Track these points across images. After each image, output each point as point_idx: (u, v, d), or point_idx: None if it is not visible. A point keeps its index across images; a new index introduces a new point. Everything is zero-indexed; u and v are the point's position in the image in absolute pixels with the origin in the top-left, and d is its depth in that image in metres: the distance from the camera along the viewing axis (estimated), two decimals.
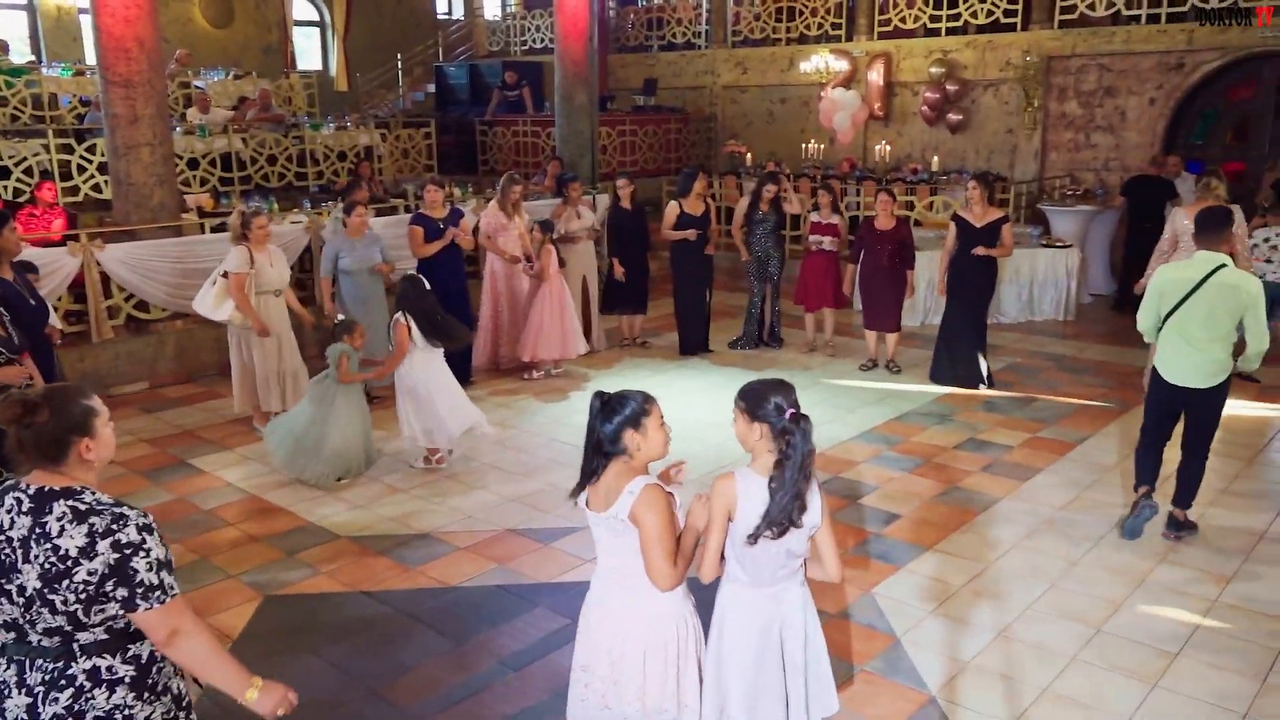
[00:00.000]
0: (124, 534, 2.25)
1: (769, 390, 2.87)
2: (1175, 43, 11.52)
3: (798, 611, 2.95)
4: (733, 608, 2.93)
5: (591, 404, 2.92)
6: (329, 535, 5.46)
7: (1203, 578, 4.88)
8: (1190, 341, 4.98)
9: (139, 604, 2.26)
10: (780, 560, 2.86)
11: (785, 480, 2.74)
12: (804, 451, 2.75)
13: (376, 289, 7.67)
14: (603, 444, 2.87)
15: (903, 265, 8.18)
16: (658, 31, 16.66)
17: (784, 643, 2.92)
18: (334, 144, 12.70)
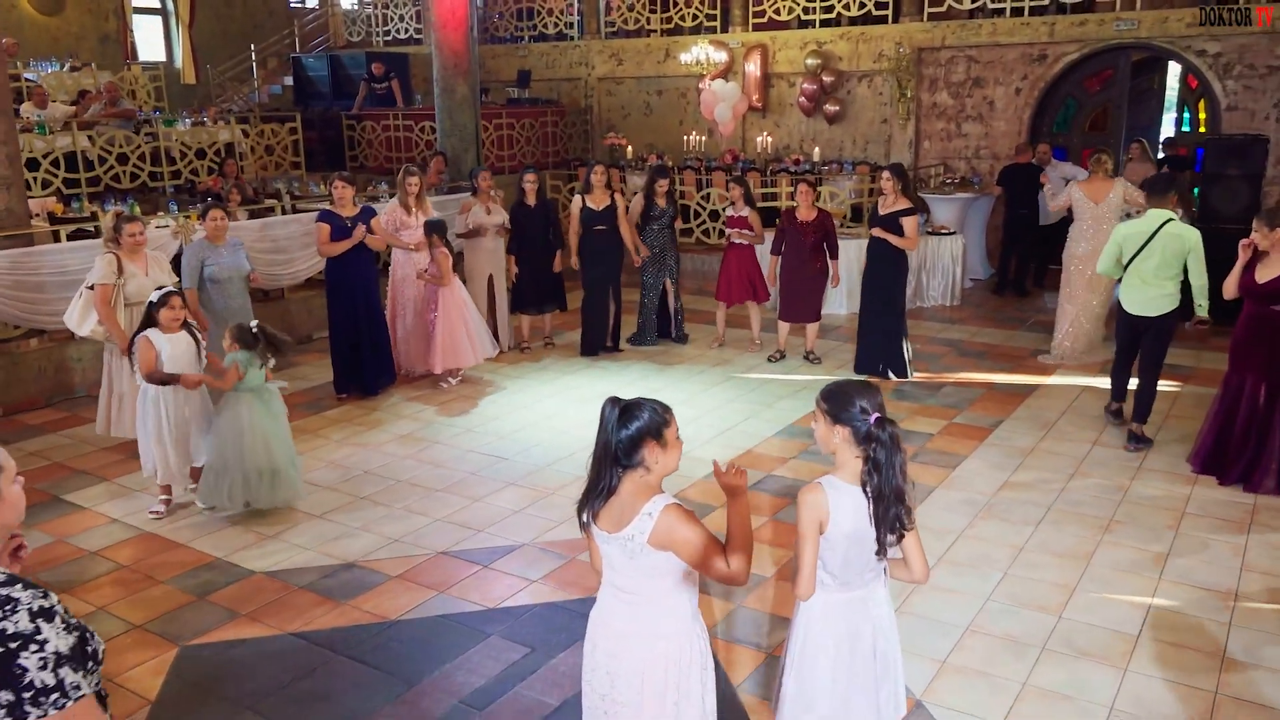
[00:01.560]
0: (11, 622, 1.80)
1: (853, 392, 2.76)
2: (1038, 35, 11.97)
3: (885, 609, 2.90)
4: (821, 613, 2.83)
5: (605, 411, 2.66)
6: (242, 572, 4.97)
7: (1140, 555, 4.99)
8: (1145, 280, 6.25)
9: (28, 711, 1.79)
10: (871, 562, 2.78)
11: (883, 488, 2.67)
12: (893, 458, 2.66)
13: (246, 300, 7.09)
14: (619, 456, 2.62)
15: (826, 256, 8.15)
16: (528, 22, 16.26)
17: (875, 642, 2.87)
18: (191, 141, 11.80)
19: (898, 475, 2.69)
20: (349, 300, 7.53)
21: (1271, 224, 5.43)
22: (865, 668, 2.85)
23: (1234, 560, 4.92)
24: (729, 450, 6.48)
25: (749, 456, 6.41)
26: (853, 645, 2.82)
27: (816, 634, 2.83)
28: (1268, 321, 5.53)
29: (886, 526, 2.71)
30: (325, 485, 6.04)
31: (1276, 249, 5.45)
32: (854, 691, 2.86)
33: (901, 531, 2.73)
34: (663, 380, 8.08)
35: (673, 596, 2.70)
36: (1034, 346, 8.94)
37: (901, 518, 2.71)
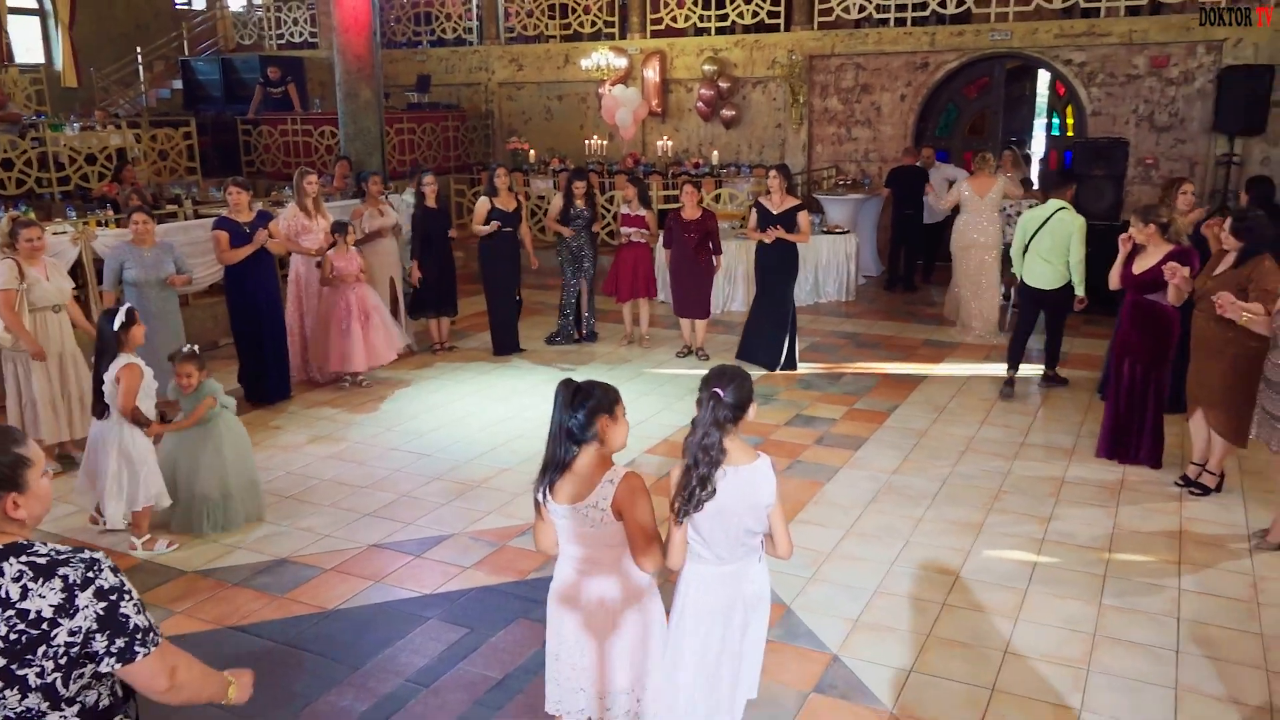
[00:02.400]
0: (103, 579, 2.00)
1: (714, 373, 2.98)
2: (920, 44, 12.66)
3: (758, 586, 3.08)
4: (695, 584, 3.02)
5: (559, 392, 2.90)
6: (173, 572, 5.00)
7: (1026, 520, 5.47)
8: (1042, 258, 7.41)
9: (138, 651, 2.02)
10: (740, 538, 2.97)
11: (690, 446, 2.88)
12: (702, 427, 2.86)
13: (169, 303, 7.05)
14: (574, 432, 2.84)
15: (710, 253, 8.50)
16: (427, 27, 16.28)
17: (747, 617, 3.05)
18: (81, 146, 11.48)
19: (699, 443, 2.84)
20: (252, 306, 7.49)
21: (1145, 220, 5.98)
22: (734, 640, 3.03)
23: (1107, 522, 5.43)
24: (643, 441, 6.74)
25: (665, 445, 6.69)
26: (726, 617, 3.01)
27: (692, 604, 3.02)
28: (1143, 309, 6.07)
29: (684, 491, 2.84)
30: None
31: (1151, 243, 5.99)
32: (721, 663, 3.04)
33: (698, 501, 2.83)
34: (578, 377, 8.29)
35: (632, 564, 2.91)
36: (925, 336, 9.50)
37: (695, 489, 2.83)
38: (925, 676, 4.00)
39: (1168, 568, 4.90)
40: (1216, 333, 5.47)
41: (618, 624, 2.95)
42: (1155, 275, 5.84)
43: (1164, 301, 5.89)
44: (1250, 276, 5.25)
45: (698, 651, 3.04)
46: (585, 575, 2.95)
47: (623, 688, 2.98)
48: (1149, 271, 5.92)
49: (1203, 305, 5.58)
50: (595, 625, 2.95)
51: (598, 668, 2.97)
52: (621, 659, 2.97)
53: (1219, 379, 5.52)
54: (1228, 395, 5.49)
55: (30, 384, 6.19)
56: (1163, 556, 5.02)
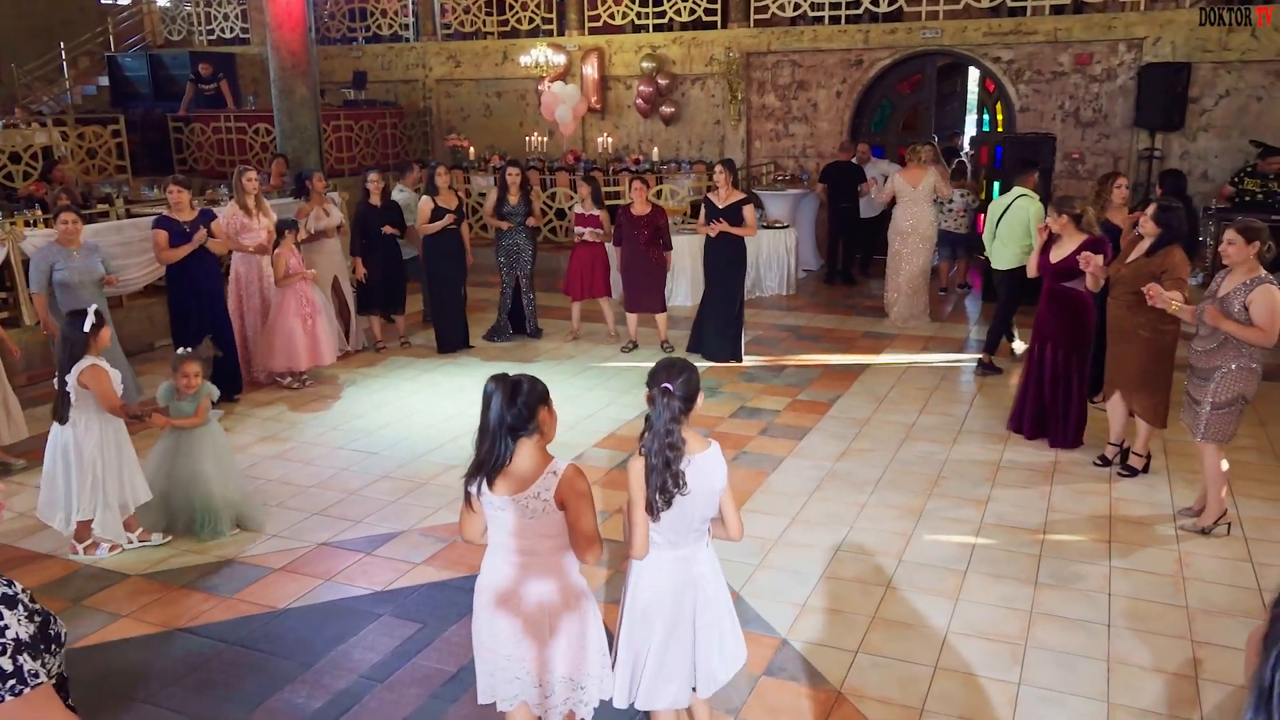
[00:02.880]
0: None
1: (660, 367, 3.04)
2: (854, 41, 12.88)
3: (709, 570, 3.15)
4: (648, 570, 3.08)
5: (489, 387, 2.90)
6: (116, 576, 4.92)
7: (964, 504, 5.64)
8: (1003, 241, 7.95)
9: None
10: (694, 524, 3.05)
11: (649, 451, 2.93)
12: (660, 423, 2.92)
13: (101, 304, 6.90)
14: (516, 425, 2.87)
15: (661, 248, 8.58)
16: (362, 23, 16.09)
17: (696, 602, 3.11)
18: (4, 144, 11.15)
19: (661, 441, 2.92)
20: (194, 307, 7.38)
21: (1059, 210, 6.22)
22: (687, 621, 3.11)
23: (1041, 504, 5.63)
24: (592, 435, 6.80)
25: (612, 439, 6.75)
26: (677, 599, 3.09)
27: (646, 588, 3.09)
28: (1061, 296, 6.31)
29: (655, 488, 2.91)
30: None
31: (1066, 232, 6.23)
32: (675, 643, 3.11)
33: (669, 497, 2.91)
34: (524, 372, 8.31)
35: (565, 553, 2.97)
36: (865, 329, 9.70)
37: (666, 483, 2.91)
38: (871, 657, 4.12)
39: (1099, 547, 5.10)
40: (1131, 318, 5.73)
41: (555, 626, 2.97)
42: (1070, 264, 6.10)
43: (1080, 288, 6.14)
44: (1163, 266, 5.49)
45: (656, 632, 3.11)
46: (523, 570, 2.95)
47: (562, 675, 3.02)
48: (1065, 260, 6.16)
49: (1117, 292, 5.83)
50: (534, 627, 2.97)
51: (536, 662, 3.00)
52: (562, 654, 3.00)
53: (1135, 363, 5.76)
54: (1145, 378, 5.74)
55: None
56: (1094, 536, 5.23)
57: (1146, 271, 5.52)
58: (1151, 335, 5.67)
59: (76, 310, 5.01)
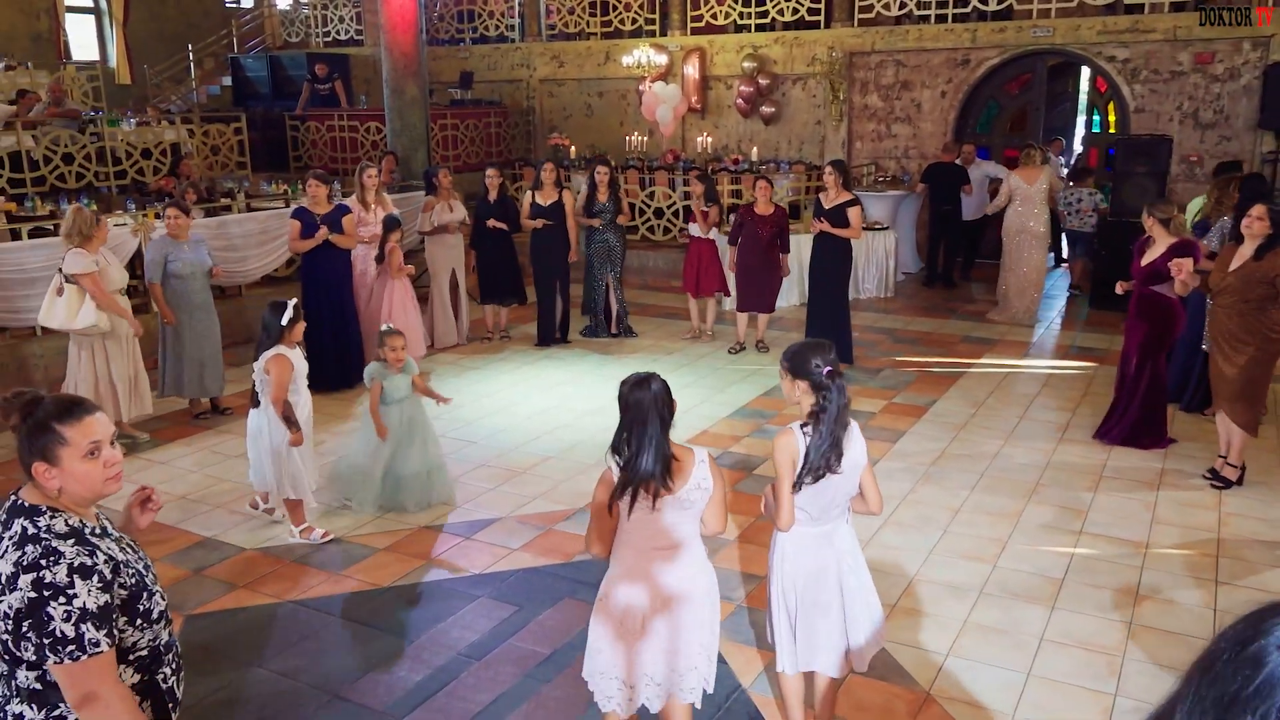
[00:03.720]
0: (51, 573, 1.99)
1: (809, 351, 3.14)
2: (961, 41, 12.65)
3: (849, 545, 3.28)
4: (793, 545, 3.20)
5: (643, 387, 2.93)
6: (234, 549, 5.21)
7: (1063, 512, 5.53)
8: None
9: (48, 656, 1.99)
10: (840, 500, 3.16)
11: (822, 430, 3.03)
12: (838, 404, 3.03)
13: (208, 296, 7.27)
14: (670, 422, 2.93)
15: (780, 249, 8.60)
16: (470, 24, 16.50)
17: (841, 579, 3.24)
18: (137, 141, 11.81)
19: (836, 422, 3.04)
20: (317, 297, 7.72)
21: (1149, 212, 6.10)
22: (832, 595, 3.24)
23: (1145, 515, 5.48)
24: (687, 431, 6.88)
25: (706, 436, 6.82)
26: (820, 574, 3.21)
27: (791, 563, 3.22)
28: (1148, 300, 6.14)
29: (818, 464, 3.02)
30: None
31: (1156, 235, 6.06)
32: (821, 616, 3.25)
33: (826, 471, 3.04)
34: (618, 368, 8.44)
35: (699, 537, 3.08)
36: (964, 333, 9.55)
37: (831, 461, 3.04)
38: (962, 660, 4.10)
39: (1205, 562, 4.95)
40: (1238, 326, 5.54)
41: (702, 594, 3.06)
42: (1158, 266, 5.93)
43: (1168, 293, 5.97)
44: (1274, 269, 5.29)
45: (795, 602, 3.23)
46: (671, 560, 3.00)
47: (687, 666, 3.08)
48: (1153, 263, 5.99)
49: (1222, 300, 5.63)
50: (686, 602, 3.02)
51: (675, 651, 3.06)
52: (702, 627, 3.07)
53: (1238, 371, 5.57)
54: (1246, 388, 5.56)
55: (109, 365, 6.50)
56: (1201, 551, 5.07)
57: (1257, 276, 5.33)
58: (1261, 343, 5.48)
59: (279, 301, 5.12)
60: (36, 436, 2.12)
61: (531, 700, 3.86)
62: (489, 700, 3.87)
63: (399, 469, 5.54)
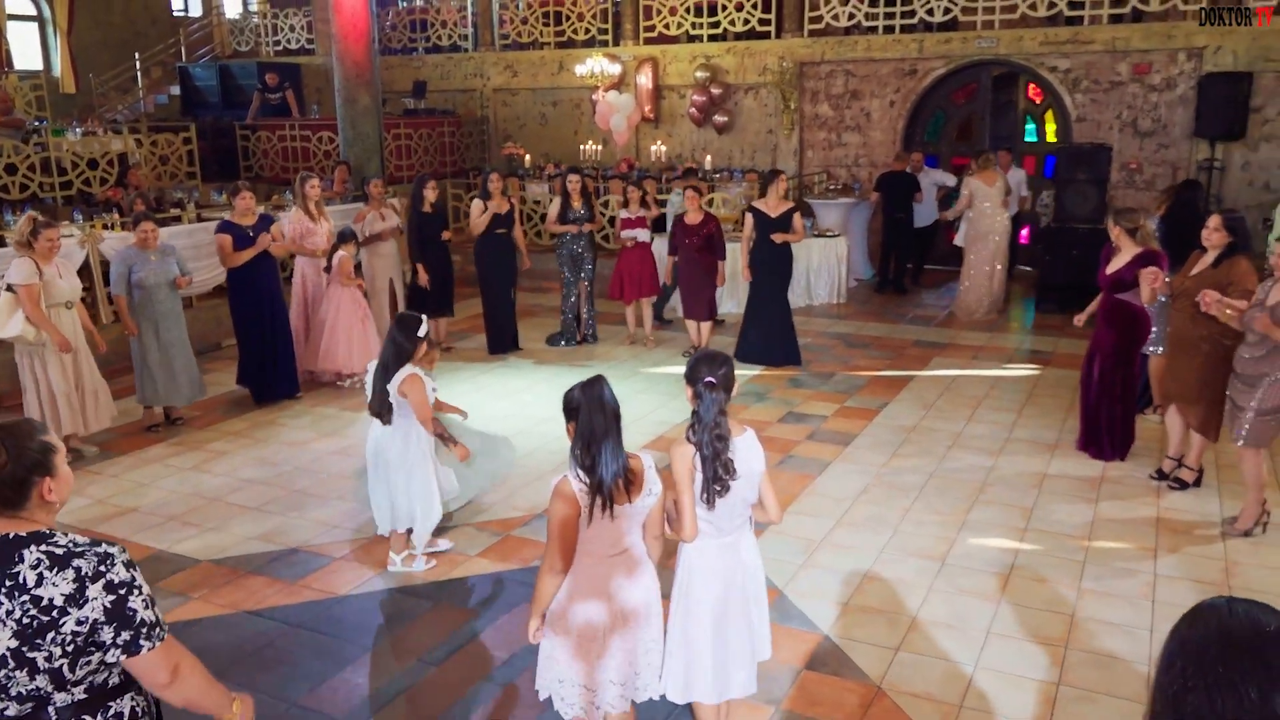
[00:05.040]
0: (114, 573, 2.09)
1: (700, 361, 3.18)
2: (908, 51, 12.90)
3: (753, 555, 3.30)
4: (699, 558, 3.21)
5: (596, 392, 2.95)
6: (187, 561, 5.18)
7: (1009, 511, 5.68)
8: None
9: (143, 645, 2.11)
10: (739, 509, 3.18)
11: (701, 441, 3.06)
12: (709, 416, 3.05)
13: (176, 304, 7.23)
14: (619, 429, 2.97)
15: (713, 256, 8.68)
16: (423, 34, 16.48)
17: (745, 583, 3.26)
18: (83, 151, 11.64)
19: (710, 433, 3.04)
20: (255, 308, 7.67)
21: (1116, 221, 6.19)
22: (739, 606, 3.24)
23: (1088, 512, 5.65)
24: (642, 437, 6.94)
25: (661, 441, 6.87)
26: (727, 584, 3.20)
27: (697, 574, 3.20)
28: (1116, 308, 6.29)
29: (709, 476, 3.04)
30: (259, 480, 6.26)
31: (1122, 244, 6.21)
32: (729, 627, 3.23)
33: (724, 483, 3.03)
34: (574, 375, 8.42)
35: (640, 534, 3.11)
36: (914, 338, 9.73)
37: (718, 471, 3.04)
38: (912, 655, 4.20)
39: (1144, 554, 5.12)
40: (1193, 330, 5.68)
41: (651, 592, 3.12)
42: (1125, 275, 6.06)
43: (1135, 301, 6.12)
44: (1230, 277, 5.45)
45: (709, 619, 3.21)
46: (624, 564, 3.04)
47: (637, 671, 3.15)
48: (1119, 271, 6.13)
49: (1180, 304, 5.79)
50: (637, 603, 3.07)
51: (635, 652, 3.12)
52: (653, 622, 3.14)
53: (1194, 375, 5.71)
54: (1202, 391, 5.69)
55: (47, 377, 6.38)
56: (1139, 544, 5.24)
57: (1213, 283, 5.50)
58: (1213, 348, 5.61)
59: (410, 316, 4.84)
60: (31, 452, 2.14)
61: (491, 703, 3.89)
62: (449, 704, 3.89)
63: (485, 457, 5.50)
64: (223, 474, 6.39)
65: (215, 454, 6.76)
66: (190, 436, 7.15)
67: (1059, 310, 10.41)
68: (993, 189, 10.19)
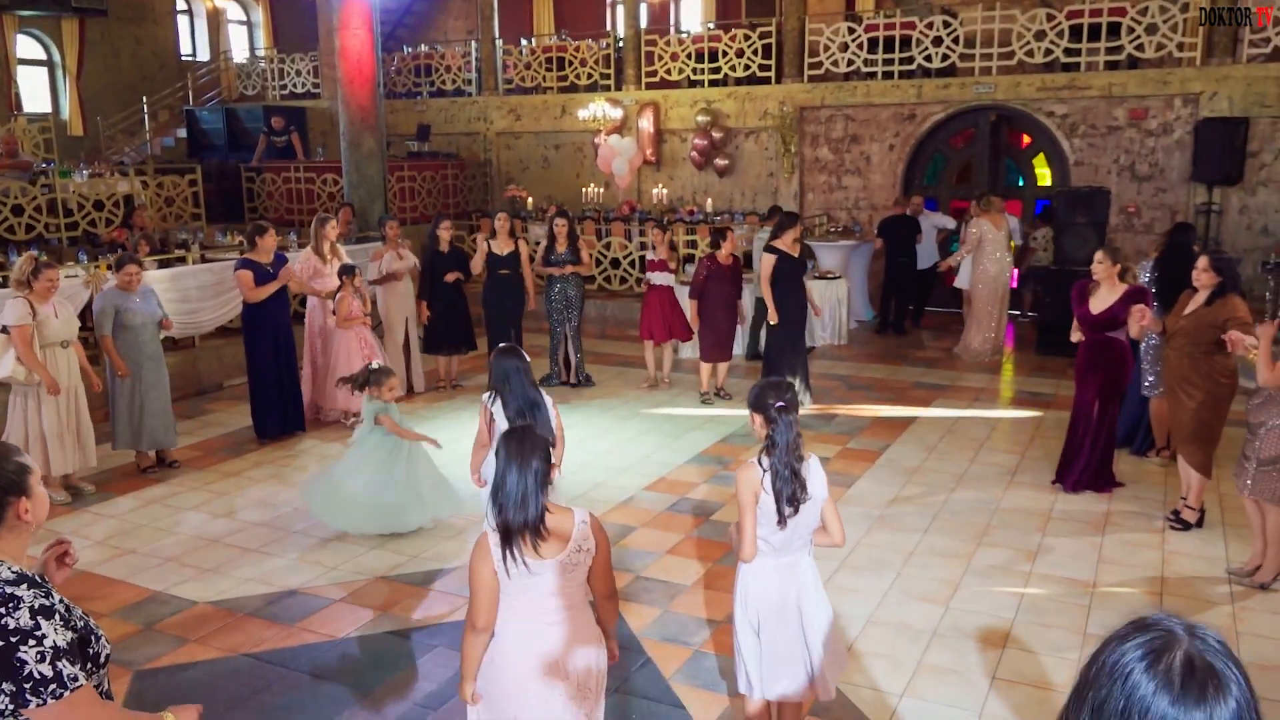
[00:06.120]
0: (13, 618, 1.97)
1: (769, 388, 3.27)
2: (907, 96, 13.05)
3: (810, 577, 3.34)
4: (756, 577, 3.26)
5: (515, 446, 2.84)
6: (185, 602, 5.14)
7: (1013, 553, 5.64)
8: None
9: (29, 700, 1.96)
10: (803, 532, 3.25)
11: (776, 462, 3.13)
12: (787, 437, 3.14)
13: (158, 345, 7.24)
14: (540, 481, 2.82)
15: (737, 297, 8.73)
16: (427, 78, 16.68)
17: (802, 609, 3.30)
18: (89, 192, 11.73)
19: (790, 454, 3.16)
20: (271, 345, 7.74)
21: (1114, 259, 6.23)
22: (794, 625, 3.30)
23: (1092, 555, 5.61)
24: (643, 479, 6.92)
25: (663, 483, 6.86)
26: (782, 604, 3.28)
27: (754, 594, 3.29)
28: (1102, 346, 6.32)
29: (785, 499, 3.15)
30: (258, 522, 6.22)
31: (1108, 283, 6.25)
32: (784, 645, 3.30)
33: (798, 503, 3.16)
34: (576, 416, 8.47)
35: (583, 596, 2.96)
36: (915, 379, 9.73)
37: (795, 493, 3.16)
38: (916, 701, 4.15)
39: (1151, 600, 5.07)
40: (1188, 371, 5.71)
41: (591, 658, 2.97)
42: (1113, 313, 6.10)
43: (1120, 338, 6.16)
44: (1225, 314, 5.47)
45: (765, 634, 3.29)
46: (555, 625, 2.88)
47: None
48: (1107, 310, 6.17)
49: (1175, 344, 5.81)
50: (576, 667, 2.92)
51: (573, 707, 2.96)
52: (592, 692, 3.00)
53: (1189, 415, 5.74)
54: (1198, 430, 5.71)
55: (40, 417, 6.37)
56: (1146, 589, 5.20)
57: (1208, 321, 5.52)
58: (1209, 387, 5.64)
59: (509, 346, 4.77)
60: (6, 473, 2.13)
61: None
62: None
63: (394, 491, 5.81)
64: (222, 515, 6.36)
65: (215, 495, 6.73)
66: (191, 477, 7.13)
67: (1059, 353, 10.44)
68: (1000, 232, 10.38)
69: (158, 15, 17.72)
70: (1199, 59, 11.52)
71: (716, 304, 8.72)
